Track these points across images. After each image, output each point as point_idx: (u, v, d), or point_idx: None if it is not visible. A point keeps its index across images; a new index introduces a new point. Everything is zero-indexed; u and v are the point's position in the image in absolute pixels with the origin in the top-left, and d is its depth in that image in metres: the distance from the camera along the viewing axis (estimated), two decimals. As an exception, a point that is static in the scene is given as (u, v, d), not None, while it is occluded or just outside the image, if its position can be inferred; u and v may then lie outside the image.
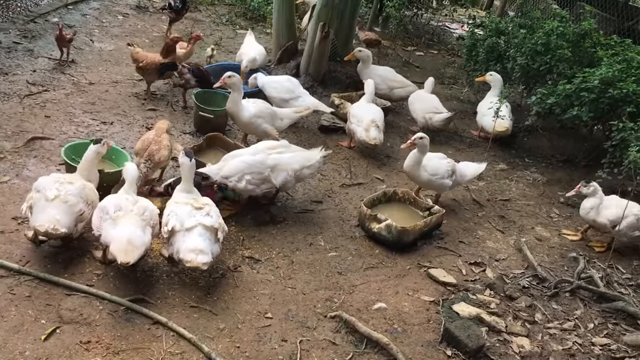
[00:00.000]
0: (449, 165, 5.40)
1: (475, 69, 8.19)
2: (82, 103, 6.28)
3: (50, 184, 3.97)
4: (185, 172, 4.21)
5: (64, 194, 3.92)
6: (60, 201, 3.88)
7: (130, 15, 9.42)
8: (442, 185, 5.40)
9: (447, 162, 5.42)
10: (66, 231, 3.83)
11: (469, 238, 5.30)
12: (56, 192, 3.91)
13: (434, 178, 5.33)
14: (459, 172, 5.53)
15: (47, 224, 3.77)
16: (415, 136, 5.22)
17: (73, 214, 3.91)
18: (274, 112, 5.92)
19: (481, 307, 4.37)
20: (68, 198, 3.92)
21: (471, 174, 5.70)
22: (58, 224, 3.80)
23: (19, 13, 8.55)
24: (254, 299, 4.08)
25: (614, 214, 5.08)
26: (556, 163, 7.01)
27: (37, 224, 3.79)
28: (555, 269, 5.02)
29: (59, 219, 3.82)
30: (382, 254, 4.85)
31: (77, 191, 3.99)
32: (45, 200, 3.88)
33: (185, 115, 6.53)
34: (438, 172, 5.33)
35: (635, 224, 5.11)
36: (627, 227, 5.09)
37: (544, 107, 6.49)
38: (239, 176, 4.71)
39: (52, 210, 3.84)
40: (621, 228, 5.05)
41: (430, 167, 5.32)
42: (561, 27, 7.04)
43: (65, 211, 3.88)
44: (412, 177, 5.45)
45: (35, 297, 3.67)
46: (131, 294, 3.84)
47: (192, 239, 3.89)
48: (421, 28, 12.06)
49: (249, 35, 7.92)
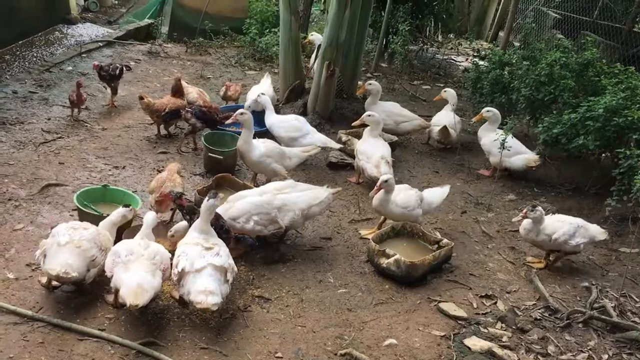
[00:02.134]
0: (417, 195, 5.47)
1: (480, 101, 8.28)
2: (95, 148, 6.44)
3: (63, 230, 4.07)
4: (204, 212, 4.27)
5: (78, 238, 4.01)
6: (73, 246, 3.96)
7: (142, 61, 9.69)
8: (414, 215, 5.43)
9: (414, 193, 5.49)
10: (77, 276, 3.90)
11: (479, 270, 5.29)
12: (68, 237, 4.00)
13: (406, 211, 5.38)
14: (426, 201, 5.57)
15: (58, 267, 3.85)
16: (380, 180, 5.28)
17: (85, 259, 3.98)
18: (283, 151, 6.02)
19: (493, 340, 4.35)
20: (81, 243, 4.00)
21: (438, 201, 5.72)
22: (70, 268, 3.87)
23: (35, 63, 8.85)
24: (264, 338, 4.10)
25: (551, 228, 5.25)
26: (565, 192, 7.00)
27: (49, 268, 3.87)
28: (567, 300, 4.98)
29: (70, 264, 3.89)
30: (391, 289, 4.85)
31: (91, 237, 4.08)
32: (57, 245, 3.96)
33: (195, 157, 6.66)
34: (409, 204, 5.39)
35: (570, 231, 5.22)
36: (564, 235, 5.19)
37: (550, 136, 6.52)
38: (246, 217, 4.78)
39: (64, 255, 3.92)
40: (558, 236, 5.18)
41: (401, 200, 5.37)
42: (564, 58, 7.12)
43: (78, 255, 3.95)
44: (385, 214, 5.51)
45: (48, 343, 3.72)
46: (142, 337, 3.87)
47: (202, 280, 3.93)
48: (427, 62, 12.23)
49: (265, 78, 8.09)
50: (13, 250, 4.54)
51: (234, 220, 4.77)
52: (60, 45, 10.11)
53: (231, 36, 11.80)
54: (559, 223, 5.29)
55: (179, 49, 10.98)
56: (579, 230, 5.27)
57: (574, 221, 5.33)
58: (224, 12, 12.13)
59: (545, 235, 5.25)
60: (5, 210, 5.04)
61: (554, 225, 5.27)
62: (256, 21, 11.54)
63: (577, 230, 5.25)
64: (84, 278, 4.00)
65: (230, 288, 4.12)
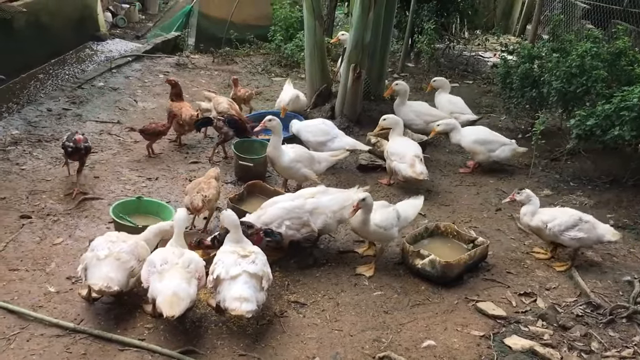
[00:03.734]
0: (394, 212, 4.97)
1: (511, 95, 8.16)
2: (128, 161, 6.55)
3: (102, 244, 4.16)
4: (230, 224, 4.32)
5: (117, 251, 4.09)
6: (112, 259, 4.04)
7: (171, 73, 9.83)
8: (392, 235, 4.96)
9: (392, 210, 4.99)
10: (118, 289, 3.98)
11: (517, 268, 5.20)
12: (108, 251, 4.08)
13: (384, 230, 4.85)
14: (402, 216, 5.05)
15: (100, 282, 3.92)
16: (357, 199, 4.72)
17: (125, 271, 4.06)
18: (312, 156, 6.03)
19: (534, 339, 4.27)
20: (120, 255, 4.08)
21: (413, 214, 5.19)
22: (111, 282, 3.95)
23: (67, 80, 9.07)
24: (302, 343, 4.10)
25: (547, 215, 5.17)
26: (602, 185, 6.83)
27: (92, 282, 3.95)
28: (609, 295, 4.86)
29: (112, 277, 3.97)
30: (427, 290, 4.81)
31: (130, 249, 4.15)
32: (97, 259, 4.04)
33: (226, 165, 6.72)
34: (387, 222, 4.86)
35: (568, 223, 5.08)
36: (560, 225, 5.07)
37: (584, 129, 6.38)
38: (278, 222, 4.80)
39: (105, 268, 3.99)
40: (553, 225, 5.07)
41: (380, 219, 4.84)
42: (595, 48, 6.97)
43: (118, 268, 4.03)
44: (364, 236, 5.05)
45: (90, 355, 3.79)
46: (181, 345, 3.92)
47: (237, 287, 3.95)
48: (454, 59, 12.12)
49: (287, 84, 8.17)
50: (53, 264, 4.65)
51: (267, 226, 4.80)
52: (91, 62, 10.34)
53: (257, 44, 11.90)
54: (558, 212, 5.19)
55: (206, 59, 11.11)
56: (581, 225, 5.08)
57: (577, 214, 5.16)
58: (248, 20, 12.24)
59: (541, 222, 5.15)
60: (44, 225, 5.16)
61: (552, 214, 5.17)
62: (281, 28, 11.60)
63: (577, 223, 5.08)
64: (124, 289, 4.07)
65: (266, 295, 4.13)
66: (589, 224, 5.11)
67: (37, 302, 4.20)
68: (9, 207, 5.39)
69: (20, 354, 3.73)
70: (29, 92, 8.40)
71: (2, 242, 4.85)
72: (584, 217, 5.15)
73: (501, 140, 7.02)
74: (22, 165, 6.20)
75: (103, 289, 3.91)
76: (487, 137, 6.97)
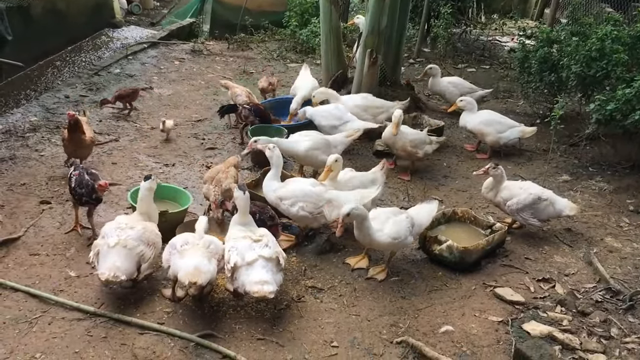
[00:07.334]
0: (408, 221, 4.65)
1: (529, 80, 8.06)
2: (145, 148, 6.58)
3: (112, 231, 4.19)
4: (241, 205, 4.33)
5: (124, 238, 4.11)
6: (120, 246, 4.07)
7: (186, 60, 9.84)
8: (406, 244, 4.72)
9: (405, 218, 4.66)
10: (125, 278, 4.02)
11: (535, 254, 5.16)
12: (116, 238, 4.11)
13: (397, 241, 4.56)
14: (417, 223, 4.77)
15: (107, 272, 3.96)
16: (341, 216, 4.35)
17: (133, 257, 4.09)
18: (328, 140, 6.02)
19: (553, 324, 4.24)
20: (127, 242, 4.10)
21: (427, 220, 4.89)
22: (118, 270, 3.98)
23: (84, 67, 9.10)
24: (319, 328, 4.11)
25: (508, 192, 5.24)
26: (622, 170, 6.75)
27: (99, 273, 3.99)
28: (629, 281, 4.81)
29: (119, 266, 4.00)
30: (445, 275, 4.79)
31: (137, 234, 4.17)
32: (107, 247, 4.08)
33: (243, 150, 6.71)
34: (400, 233, 4.56)
35: (529, 202, 5.15)
36: (519, 203, 5.15)
37: (604, 114, 6.29)
38: (292, 201, 4.81)
39: (112, 257, 4.03)
40: (511, 204, 5.17)
41: (390, 230, 4.54)
42: (615, 31, 6.85)
43: (126, 256, 4.06)
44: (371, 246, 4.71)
45: (110, 338, 3.84)
46: (200, 329, 3.95)
47: (255, 272, 3.97)
48: (471, 44, 11.99)
49: (304, 70, 8.10)
50: (73, 249, 4.70)
51: (281, 201, 4.84)
52: (107, 49, 10.36)
53: (272, 30, 11.86)
54: (519, 190, 5.24)
55: (221, 45, 11.10)
56: (540, 203, 5.17)
57: (536, 192, 5.21)
58: (263, 6, 12.20)
59: (501, 199, 5.22)
60: (64, 210, 5.22)
61: (513, 191, 5.23)
62: (296, 13, 11.55)
63: (536, 202, 5.16)
64: (132, 277, 4.11)
65: (283, 276, 4.16)
66: (547, 201, 5.22)
67: (57, 287, 4.26)
68: (29, 193, 5.45)
69: (42, 337, 3.79)
70: (47, 79, 8.45)
71: (22, 227, 4.91)
72: (544, 194, 5.25)
73: (508, 122, 7.04)
74: (41, 151, 6.26)
75: (110, 279, 3.95)
76: (494, 118, 7.03)
